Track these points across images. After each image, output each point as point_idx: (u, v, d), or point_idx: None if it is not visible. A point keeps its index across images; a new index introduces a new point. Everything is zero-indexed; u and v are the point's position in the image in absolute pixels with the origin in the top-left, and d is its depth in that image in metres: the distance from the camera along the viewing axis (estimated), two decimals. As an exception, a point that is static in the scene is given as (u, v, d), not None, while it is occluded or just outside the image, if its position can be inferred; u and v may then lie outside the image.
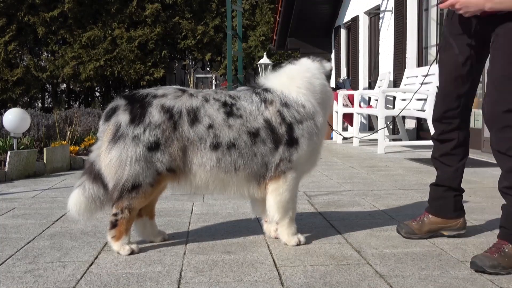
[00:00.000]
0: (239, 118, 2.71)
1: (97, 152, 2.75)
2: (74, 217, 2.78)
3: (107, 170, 2.66)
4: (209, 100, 2.74)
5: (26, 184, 5.09)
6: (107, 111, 2.74)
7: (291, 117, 2.75)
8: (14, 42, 20.46)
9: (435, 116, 2.91)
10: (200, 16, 22.45)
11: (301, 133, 2.75)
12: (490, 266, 2.37)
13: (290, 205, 2.82)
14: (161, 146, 2.63)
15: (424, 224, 2.92)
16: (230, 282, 2.32)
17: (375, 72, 11.37)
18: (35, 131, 7.03)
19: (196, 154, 2.68)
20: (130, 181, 2.62)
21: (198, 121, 2.67)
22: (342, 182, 5.00)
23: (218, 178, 2.74)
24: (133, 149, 2.61)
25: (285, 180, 2.76)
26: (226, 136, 2.68)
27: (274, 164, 2.73)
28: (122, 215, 2.67)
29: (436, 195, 2.94)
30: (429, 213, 2.94)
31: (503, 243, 2.47)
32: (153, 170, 2.64)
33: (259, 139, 2.71)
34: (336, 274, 2.40)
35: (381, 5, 10.51)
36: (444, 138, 2.87)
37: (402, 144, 8.25)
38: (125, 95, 2.79)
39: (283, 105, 2.76)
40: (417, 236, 2.91)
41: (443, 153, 2.89)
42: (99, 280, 2.36)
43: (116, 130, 2.65)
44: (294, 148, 2.74)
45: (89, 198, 2.73)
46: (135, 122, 2.63)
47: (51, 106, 21.82)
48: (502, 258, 2.39)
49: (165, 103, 2.68)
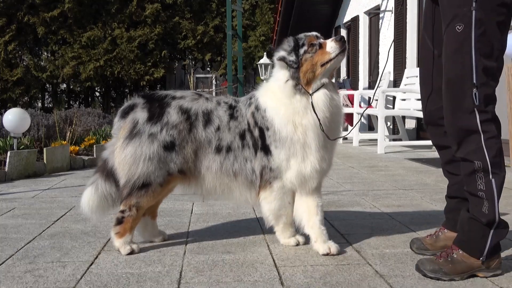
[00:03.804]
0: (236, 120, 2.73)
1: (111, 149, 2.75)
2: (87, 215, 2.78)
3: (121, 166, 2.66)
4: (221, 103, 2.78)
5: (26, 184, 5.09)
6: (124, 109, 2.74)
7: (260, 121, 2.69)
8: (14, 42, 20.49)
9: (425, 118, 2.71)
10: (200, 16, 22.46)
11: (270, 140, 2.66)
12: (430, 270, 2.31)
13: (282, 212, 2.78)
14: (176, 146, 2.65)
15: (438, 240, 2.67)
16: (230, 282, 2.32)
17: (375, 72, 11.38)
18: (35, 131, 7.03)
19: (205, 157, 2.70)
20: (141, 179, 2.63)
21: (210, 123, 2.70)
22: (342, 182, 5.00)
23: (223, 182, 2.74)
24: (148, 146, 2.62)
25: (271, 190, 2.72)
26: (226, 139, 2.69)
27: (259, 171, 2.70)
28: (129, 213, 2.67)
29: (450, 207, 2.70)
30: (445, 228, 2.69)
31: (453, 248, 2.36)
32: (165, 171, 2.65)
33: (245, 142, 2.70)
34: (336, 274, 2.40)
35: (381, 5, 10.51)
36: (441, 144, 2.67)
37: (402, 144, 8.25)
38: (144, 94, 2.81)
39: (255, 108, 2.72)
40: (430, 253, 2.64)
41: (446, 161, 2.68)
42: (99, 280, 2.36)
43: (133, 126, 2.65)
44: (270, 155, 2.67)
45: (102, 196, 2.74)
46: (153, 120, 2.65)
47: (51, 106, 21.83)
48: (446, 263, 2.30)
49: (183, 104, 2.70)
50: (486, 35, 2.22)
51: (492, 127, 2.28)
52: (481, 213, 2.29)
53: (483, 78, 2.24)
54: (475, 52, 2.22)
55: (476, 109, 2.25)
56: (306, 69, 2.64)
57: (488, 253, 2.31)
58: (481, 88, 2.24)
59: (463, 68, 2.25)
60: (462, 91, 2.27)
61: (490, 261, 2.32)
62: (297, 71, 2.65)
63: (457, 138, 2.32)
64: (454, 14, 2.27)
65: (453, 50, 2.29)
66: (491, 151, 2.26)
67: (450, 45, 2.30)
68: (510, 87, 5.22)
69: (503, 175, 2.32)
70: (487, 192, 2.27)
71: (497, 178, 2.28)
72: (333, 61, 2.64)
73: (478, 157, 2.26)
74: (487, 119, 2.26)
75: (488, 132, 2.26)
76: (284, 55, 2.67)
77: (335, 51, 2.62)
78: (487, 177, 2.27)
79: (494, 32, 2.25)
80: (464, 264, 2.31)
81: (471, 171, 2.30)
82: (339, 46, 2.62)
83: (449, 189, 2.72)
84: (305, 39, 2.68)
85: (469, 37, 2.22)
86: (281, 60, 2.69)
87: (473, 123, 2.26)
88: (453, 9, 2.28)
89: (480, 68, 2.23)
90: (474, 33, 2.21)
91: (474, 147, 2.27)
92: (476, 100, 2.24)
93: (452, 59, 2.30)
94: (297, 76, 2.65)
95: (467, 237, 2.35)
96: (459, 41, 2.25)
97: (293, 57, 2.65)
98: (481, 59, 2.23)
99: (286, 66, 2.67)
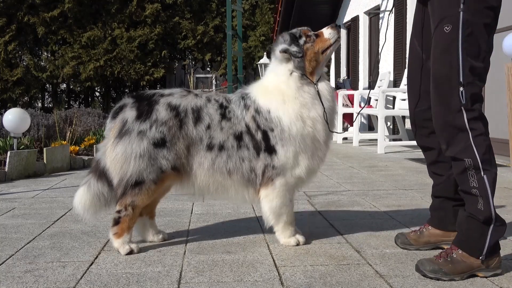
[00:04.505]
0: (229, 121, 2.72)
1: (102, 150, 2.76)
2: (79, 214, 2.78)
3: (113, 165, 2.67)
4: (211, 100, 2.77)
5: (26, 184, 5.09)
6: (115, 110, 2.77)
7: (263, 124, 2.69)
8: (14, 42, 20.48)
9: (411, 119, 2.76)
10: (200, 16, 22.47)
11: (276, 140, 2.68)
12: (430, 270, 2.32)
13: (283, 210, 2.79)
14: (167, 143, 2.65)
15: (422, 236, 2.77)
16: (230, 282, 2.32)
17: (375, 72, 11.37)
18: (35, 131, 7.03)
19: (197, 154, 2.70)
20: (134, 176, 2.64)
21: (200, 120, 2.70)
22: (342, 182, 5.00)
23: (216, 180, 2.74)
24: (138, 144, 2.63)
25: (274, 187, 2.73)
26: (217, 138, 2.70)
27: (261, 170, 2.71)
28: (125, 213, 2.67)
29: (435, 206, 2.79)
30: (429, 225, 2.79)
31: (453, 248, 2.38)
32: (157, 167, 2.65)
33: (243, 143, 2.70)
34: (336, 274, 2.40)
35: (381, 5, 10.51)
36: (426, 146, 2.73)
37: (402, 144, 8.25)
38: (133, 94, 2.83)
39: (256, 111, 2.72)
40: (413, 248, 2.75)
41: (430, 162, 2.75)
42: (99, 280, 2.36)
43: (122, 126, 2.67)
44: (274, 154, 2.69)
45: (94, 195, 2.74)
46: (142, 118, 2.66)
47: (51, 106, 21.83)
48: (446, 264, 2.32)
49: (172, 101, 2.71)
50: (473, 36, 2.28)
51: (479, 125, 2.32)
52: (477, 211, 2.32)
53: (469, 78, 2.29)
54: (462, 52, 2.28)
55: (463, 108, 2.30)
56: (310, 57, 2.74)
57: (488, 252, 2.32)
58: (468, 87, 2.29)
59: (451, 68, 2.31)
60: (449, 90, 2.32)
61: (489, 260, 2.34)
62: (302, 60, 2.72)
63: (446, 137, 2.37)
64: (442, 16, 2.34)
65: (441, 50, 2.35)
66: (480, 148, 2.30)
67: (438, 45, 2.36)
68: (510, 87, 5.22)
69: (495, 171, 2.35)
70: (480, 189, 2.31)
71: (489, 175, 2.31)
72: (333, 46, 2.77)
73: (468, 154, 2.30)
74: (474, 117, 2.30)
75: (475, 130, 2.31)
76: (287, 46, 2.72)
77: (334, 36, 2.77)
78: (478, 174, 2.30)
79: (481, 34, 2.30)
80: (464, 264, 2.32)
81: (463, 169, 2.33)
82: (336, 32, 2.77)
83: (433, 188, 2.81)
84: (300, 32, 2.77)
85: (456, 38, 2.28)
86: (284, 52, 2.73)
87: (460, 121, 2.31)
88: (441, 11, 2.35)
89: (466, 67, 2.28)
90: (461, 34, 2.28)
91: (463, 145, 2.31)
92: (463, 99, 2.29)
93: (440, 59, 2.35)
94: (302, 65, 2.72)
95: (466, 236, 2.37)
96: (447, 42, 2.31)
97: (296, 47, 2.71)
98: (467, 59, 2.28)
99: (290, 57, 2.73)
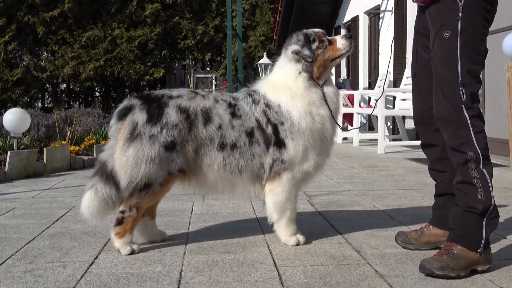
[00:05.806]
0: (239, 119, 2.73)
1: (109, 151, 2.73)
2: (87, 220, 2.76)
3: (123, 168, 2.65)
4: (219, 100, 2.78)
5: (26, 184, 5.09)
6: (120, 110, 2.73)
7: (274, 117, 2.73)
8: (14, 42, 20.48)
9: (415, 117, 2.83)
10: (200, 16, 22.47)
11: (285, 133, 2.72)
12: (438, 268, 2.34)
13: (288, 205, 2.81)
14: (177, 146, 2.65)
15: (423, 235, 2.79)
16: (230, 282, 2.32)
17: (375, 72, 11.37)
18: (35, 131, 7.02)
19: (206, 155, 2.71)
20: (143, 180, 2.63)
21: (210, 121, 2.71)
22: (342, 182, 5.00)
23: (225, 179, 2.76)
24: (150, 148, 2.62)
25: (280, 181, 2.75)
26: (230, 136, 2.71)
27: (269, 165, 2.75)
28: (129, 213, 2.67)
29: (438, 205, 2.81)
30: (431, 224, 2.82)
31: (451, 245, 2.41)
32: (166, 171, 2.66)
33: (254, 139, 2.73)
34: (336, 274, 2.40)
35: (381, 5, 10.51)
36: (431, 143, 2.79)
37: (402, 144, 8.25)
38: (139, 95, 2.80)
39: (266, 105, 2.76)
40: (414, 247, 2.77)
41: (434, 158, 2.79)
42: (99, 280, 2.36)
43: (133, 128, 2.64)
44: (283, 148, 2.73)
45: (102, 200, 2.71)
46: (153, 121, 2.65)
47: (51, 106, 21.84)
48: (451, 260, 2.35)
49: (181, 103, 2.70)
50: (470, 41, 2.46)
51: (479, 123, 2.46)
52: (476, 200, 2.41)
53: (468, 79, 2.45)
54: (461, 55, 2.44)
55: (464, 106, 2.44)
56: (319, 63, 2.81)
57: (484, 245, 2.41)
58: (467, 87, 2.44)
59: (451, 69, 2.46)
60: (451, 90, 2.46)
61: (486, 252, 2.42)
62: (311, 65, 2.79)
63: (451, 131, 2.48)
64: (442, 23, 2.50)
65: (441, 53, 2.50)
66: (481, 144, 2.44)
67: (439, 50, 2.52)
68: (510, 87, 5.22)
69: (492, 166, 2.49)
70: (481, 179, 2.42)
71: (487, 168, 2.44)
72: (342, 56, 2.87)
73: (470, 148, 2.44)
74: (474, 115, 2.44)
75: (476, 127, 2.44)
76: (299, 49, 2.78)
77: (346, 48, 2.85)
78: (478, 167, 2.43)
79: (477, 39, 2.48)
80: (465, 259, 2.38)
81: (464, 161, 2.45)
82: (349, 44, 2.85)
83: (437, 187, 2.84)
84: (315, 35, 2.83)
85: (455, 42, 2.46)
86: (296, 54, 2.79)
87: (463, 117, 2.44)
88: (441, 18, 2.52)
89: (465, 69, 2.44)
90: (460, 39, 2.45)
91: (466, 139, 2.44)
92: (464, 97, 2.43)
93: (441, 61, 2.51)
94: (310, 70, 2.79)
95: (463, 231, 2.43)
96: (447, 46, 2.47)
97: (308, 51, 2.77)
98: (466, 62, 2.45)
99: (300, 59, 2.79)
